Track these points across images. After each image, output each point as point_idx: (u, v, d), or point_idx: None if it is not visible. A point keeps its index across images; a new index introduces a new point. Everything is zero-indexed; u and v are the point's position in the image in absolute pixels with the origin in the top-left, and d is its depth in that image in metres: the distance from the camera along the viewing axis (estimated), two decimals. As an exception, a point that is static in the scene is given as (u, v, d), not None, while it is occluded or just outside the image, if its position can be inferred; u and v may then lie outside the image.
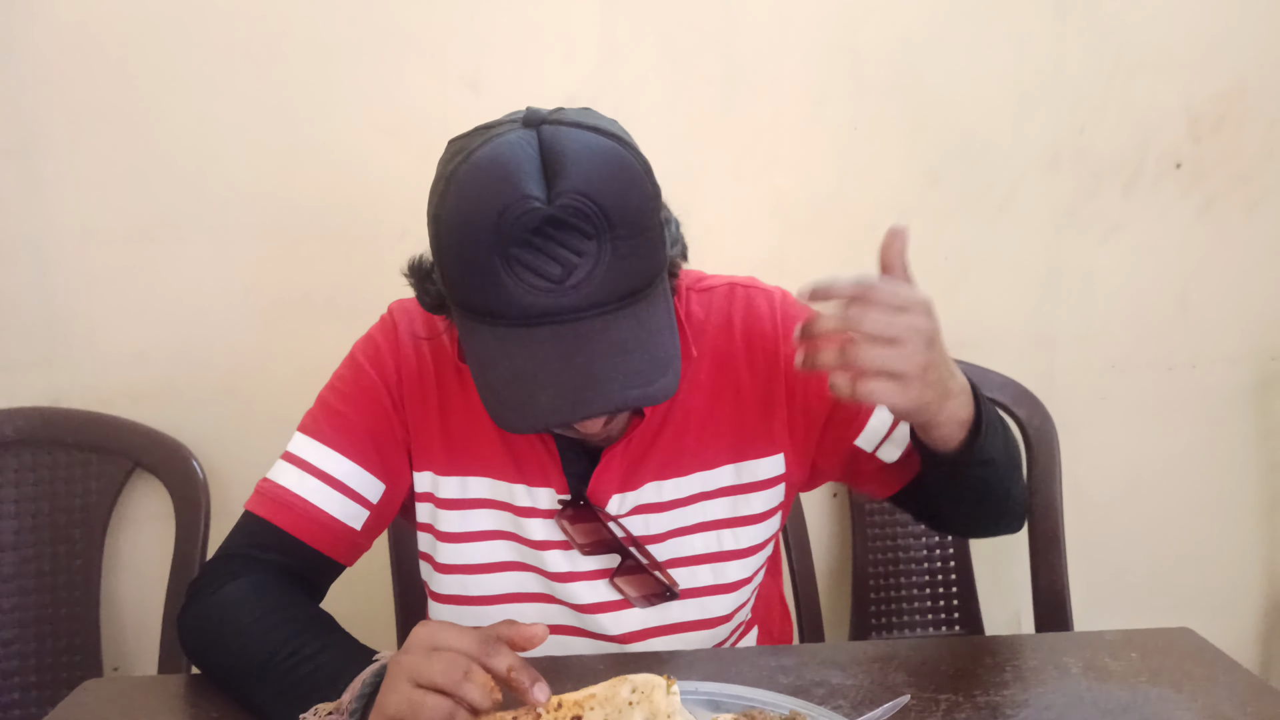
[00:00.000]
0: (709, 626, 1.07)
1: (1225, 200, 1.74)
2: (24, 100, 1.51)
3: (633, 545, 1.04)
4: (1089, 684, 0.88)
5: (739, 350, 1.05)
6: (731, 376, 1.05)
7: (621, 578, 1.05)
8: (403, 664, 0.74)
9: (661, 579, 1.04)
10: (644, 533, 1.05)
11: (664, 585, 1.04)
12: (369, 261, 1.59)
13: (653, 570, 1.04)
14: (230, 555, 1.01)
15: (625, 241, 0.82)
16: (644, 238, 0.85)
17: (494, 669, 0.73)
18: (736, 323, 1.06)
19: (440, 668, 0.72)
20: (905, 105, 1.67)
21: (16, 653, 1.46)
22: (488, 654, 0.74)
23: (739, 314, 1.06)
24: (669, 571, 1.05)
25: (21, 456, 1.50)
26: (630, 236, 0.83)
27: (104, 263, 1.56)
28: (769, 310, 1.06)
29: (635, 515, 1.04)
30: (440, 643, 0.75)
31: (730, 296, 1.07)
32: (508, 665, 0.74)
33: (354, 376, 1.06)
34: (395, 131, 1.56)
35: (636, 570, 1.04)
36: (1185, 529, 1.83)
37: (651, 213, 0.86)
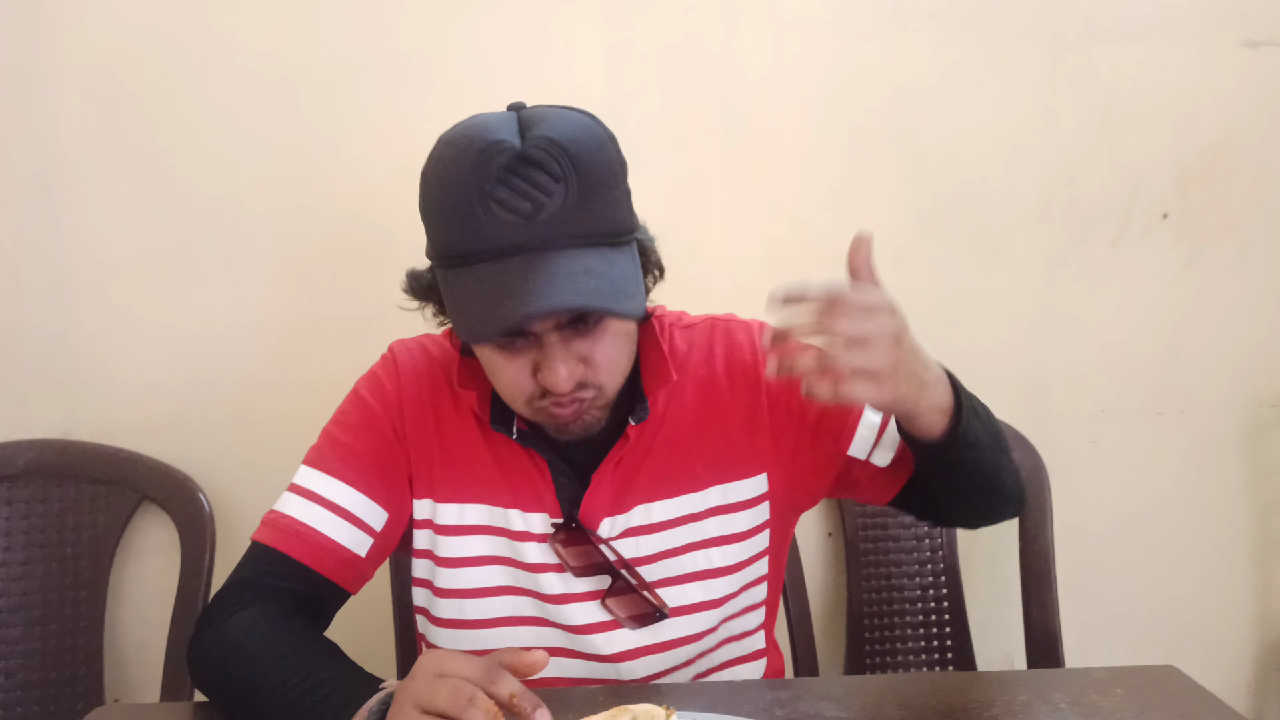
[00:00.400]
0: (694, 642, 1.11)
1: (1213, 250, 1.78)
2: (44, 139, 1.56)
3: (623, 568, 1.08)
4: (1076, 719, 0.91)
5: (720, 377, 1.11)
6: (714, 401, 1.11)
7: (612, 599, 1.08)
8: (409, 690, 0.77)
9: (651, 600, 1.08)
10: (635, 554, 1.08)
11: (654, 606, 1.08)
12: (377, 297, 1.60)
13: (642, 591, 1.08)
14: (240, 584, 1.03)
15: (592, 189, 0.91)
16: (610, 192, 0.94)
17: (497, 695, 0.75)
18: (718, 352, 1.12)
19: (445, 694, 0.74)
20: (900, 155, 1.72)
21: (19, 683, 1.48)
22: (491, 680, 0.76)
23: (719, 344, 1.13)
24: (659, 591, 1.09)
25: (32, 488, 1.52)
26: (596, 186, 0.92)
27: (118, 297, 1.60)
28: (747, 338, 1.13)
29: (626, 538, 1.08)
30: (446, 669, 0.77)
31: (711, 329, 1.15)
32: (510, 692, 0.76)
33: (358, 410, 1.11)
34: (403, 170, 1.59)
35: (627, 591, 1.08)
36: (1176, 572, 1.85)
37: (617, 174, 0.96)
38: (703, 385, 1.11)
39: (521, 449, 1.08)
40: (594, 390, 0.98)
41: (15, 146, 1.55)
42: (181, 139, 1.57)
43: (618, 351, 0.99)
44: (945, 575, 1.71)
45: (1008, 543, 1.71)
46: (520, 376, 0.97)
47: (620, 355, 1.00)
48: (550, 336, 0.93)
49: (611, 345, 0.98)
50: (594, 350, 0.96)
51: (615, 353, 0.99)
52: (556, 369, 0.93)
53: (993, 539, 1.79)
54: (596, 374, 0.97)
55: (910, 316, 1.82)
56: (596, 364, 0.97)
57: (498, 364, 0.98)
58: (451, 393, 1.10)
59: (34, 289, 1.58)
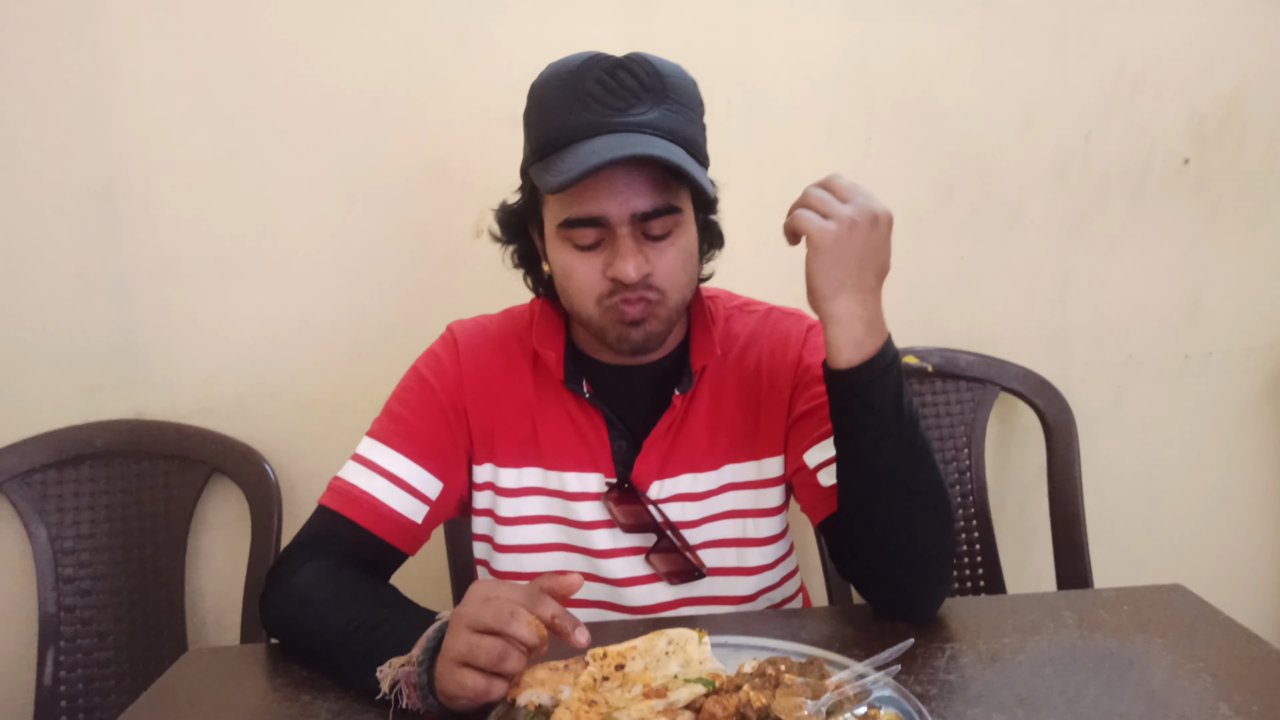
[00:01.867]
0: (731, 604, 1.18)
1: (1231, 204, 1.81)
2: (106, 149, 1.66)
3: (668, 528, 1.16)
4: (1082, 634, 0.97)
5: (764, 361, 1.19)
6: (756, 383, 1.19)
7: (656, 555, 1.17)
8: (461, 614, 0.86)
9: (690, 560, 1.16)
10: (680, 518, 1.17)
11: (692, 565, 1.16)
12: (417, 288, 1.73)
13: (684, 551, 1.16)
14: (305, 543, 1.12)
15: (678, 106, 1.04)
16: (693, 115, 1.07)
17: (540, 615, 0.85)
18: (765, 339, 1.21)
19: (492, 612, 0.84)
20: (916, 125, 1.76)
21: (111, 644, 1.60)
22: (534, 603, 0.86)
23: (769, 333, 1.22)
24: (699, 553, 1.17)
25: (110, 466, 1.64)
26: (681, 105, 1.05)
27: (178, 294, 1.70)
28: (796, 333, 1.21)
29: (673, 502, 1.17)
30: (493, 594, 0.87)
31: (767, 318, 1.24)
32: (552, 613, 0.86)
33: (417, 387, 1.20)
34: (439, 170, 1.70)
35: (669, 550, 1.16)
36: (1204, 517, 1.88)
37: (699, 107, 1.09)
38: (748, 367, 1.19)
39: (581, 411, 1.17)
40: (657, 294, 1.07)
41: (79, 158, 1.65)
42: (233, 148, 1.67)
43: (683, 265, 1.08)
44: (977, 523, 1.76)
45: (1037, 489, 1.76)
46: (593, 273, 1.06)
47: (685, 270, 1.08)
48: (622, 230, 1.03)
49: (676, 258, 1.07)
50: (661, 257, 1.05)
51: (681, 265, 1.08)
52: (625, 260, 1.03)
53: (1020, 490, 1.84)
54: (662, 279, 1.06)
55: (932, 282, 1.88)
56: (661, 270, 1.06)
57: (573, 265, 1.07)
58: (509, 365, 1.20)
59: (99, 289, 1.69)
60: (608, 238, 1.04)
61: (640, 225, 1.04)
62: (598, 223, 1.03)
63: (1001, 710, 0.83)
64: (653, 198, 1.03)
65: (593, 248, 1.05)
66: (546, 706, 0.85)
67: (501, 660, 0.83)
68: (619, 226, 1.03)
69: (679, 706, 0.82)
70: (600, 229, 1.04)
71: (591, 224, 1.03)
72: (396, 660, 0.90)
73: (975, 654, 0.94)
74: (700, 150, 1.07)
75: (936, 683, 0.88)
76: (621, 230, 1.03)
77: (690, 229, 1.09)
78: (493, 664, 0.82)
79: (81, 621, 1.59)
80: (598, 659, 0.90)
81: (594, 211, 1.02)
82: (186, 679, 1.01)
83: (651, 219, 1.03)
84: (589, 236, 1.04)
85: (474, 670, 0.83)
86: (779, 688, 0.84)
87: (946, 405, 1.78)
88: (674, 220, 1.05)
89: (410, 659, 0.88)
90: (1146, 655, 0.91)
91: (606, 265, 1.05)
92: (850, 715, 0.81)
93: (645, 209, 1.02)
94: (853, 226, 0.95)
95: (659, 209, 1.03)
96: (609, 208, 1.02)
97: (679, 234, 1.07)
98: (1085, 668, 0.90)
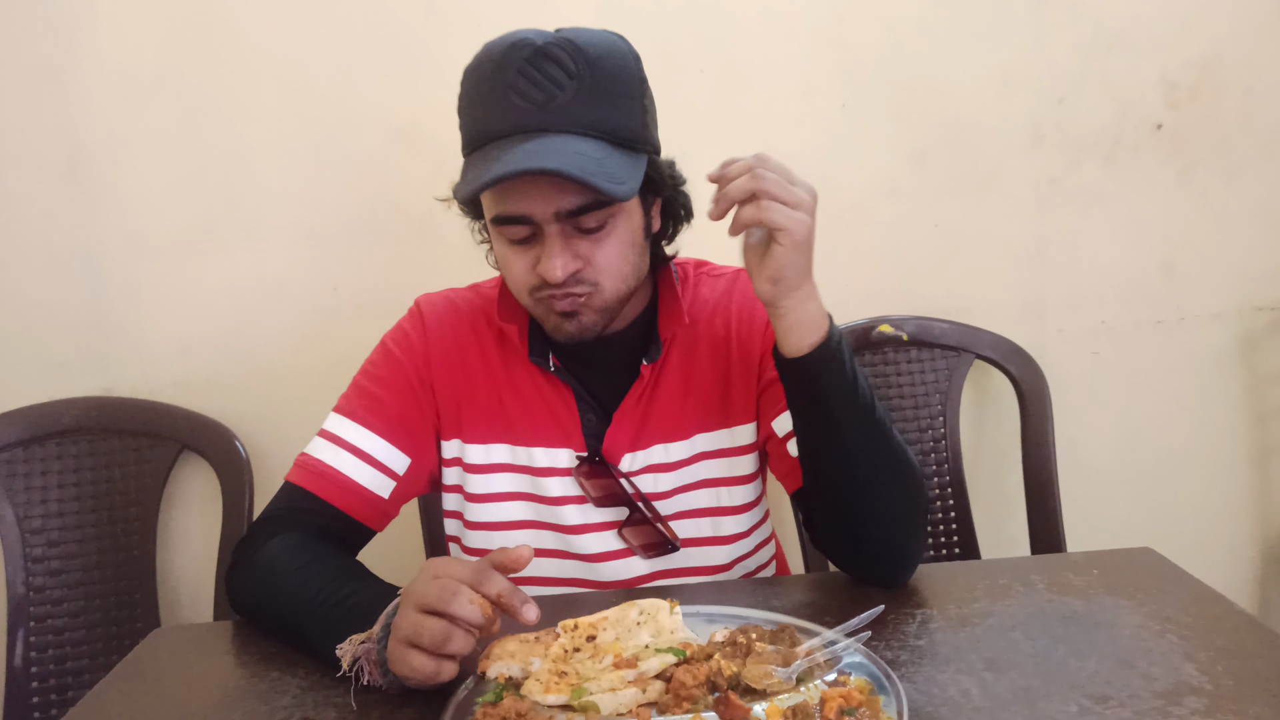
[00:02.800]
0: (707, 574, 1.17)
1: (1204, 165, 1.81)
2: (71, 124, 1.63)
3: (640, 500, 1.15)
4: (1051, 597, 0.97)
5: (732, 328, 1.18)
6: (726, 349, 1.17)
7: (628, 529, 1.16)
8: (409, 593, 0.85)
9: (664, 532, 1.16)
10: (652, 490, 1.16)
11: (665, 538, 1.16)
12: (390, 260, 1.71)
13: (656, 523, 1.15)
14: (271, 518, 1.11)
15: (603, 90, 0.99)
16: (622, 99, 1.02)
17: (486, 593, 0.83)
18: (734, 305, 1.19)
19: (436, 592, 0.82)
20: (891, 89, 1.75)
21: (83, 624, 1.59)
22: (480, 581, 0.83)
23: (737, 297, 1.20)
24: (673, 524, 1.16)
25: (79, 444, 1.62)
26: (608, 88, 1.00)
27: (149, 267, 1.68)
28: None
29: (645, 474, 1.16)
30: (439, 572, 0.85)
31: (734, 282, 1.22)
32: (498, 591, 0.83)
33: (385, 362, 1.18)
34: (412, 140, 1.67)
35: (642, 523, 1.15)
36: (1178, 477, 1.90)
37: (633, 86, 1.03)
38: (717, 333, 1.18)
39: (549, 385, 1.15)
40: (589, 287, 1.04)
41: (41, 131, 1.62)
42: (199, 118, 1.64)
43: (620, 257, 1.05)
44: (952, 491, 1.77)
45: (1011, 456, 1.77)
46: (525, 268, 1.04)
47: (622, 261, 1.06)
48: (550, 228, 1.01)
49: (614, 248, 1.04)
50: (595, 250, 1.03)
51: (617, 257, 1.05)
52: (552, 259, 1.01)
53: (995, 455, 1.85)
54: (595, 272, 1.04)
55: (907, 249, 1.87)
56: (596, 264, 1.03)
57: (508, 257, 1.06)
58: (477, 339, 1.18)
59: (68, 264, 1.66)
60: (538, 233, 1.02)
61: (571, 221, 1.01)
62: (526, 220, 1.01)
63: (970, 673, 0.83)
64: (578, 195, 0.99)
65: (525, 241, 1.04)
66: (517, 678, 0.84)
67: (445, 642, 0.81)
68: (546, 225, 1.01)
69: (650, 676, 0.83)
70: (530, 225, 1.02)
71: (520, 222, 1.01)
72: (356, 637, 0.89)
73: (945, 619, 0.95)
74: (633, 136, 1.03)
75: (907, 648, 0.89)
76: (550, 229, 1.01)
77: (631, 218, 1.06)
78: (437, 645, 0.81)
79: (51, 602, 1.58)
80: (569, 630, 0.89)
81: (519, 210, 1.00)
82: (155, 655, 1.01)
83: (581, 214, 1.00)
84: (520, 233, 1.03)
85: (421, 651, 0.82)
86: (749, 656, 0.85)
87: (921, 373, 1.78)
88: (607, 214, 1.02)
89: (370, 636, 0.87)
90: (1114, 616, 0.92)
91: (536, 261, 1.03)
92: (820, 682, 0.82)
93: (570, 207, 1.00)
94: (813, 212, 0.94)
95: (586, 205, 1.00)
96: (533, 207, 1.00)
97: (615, 225, 1.04)
98: (1053, 630, 0.90)
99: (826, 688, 0.79)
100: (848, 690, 0.77)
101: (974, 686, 0.81)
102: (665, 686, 0.81)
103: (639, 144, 1.04)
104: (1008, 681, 0.82)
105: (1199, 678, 0.80)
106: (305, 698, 0.88)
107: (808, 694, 0.79)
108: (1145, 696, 0.78)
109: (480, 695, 0.83)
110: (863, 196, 1.77)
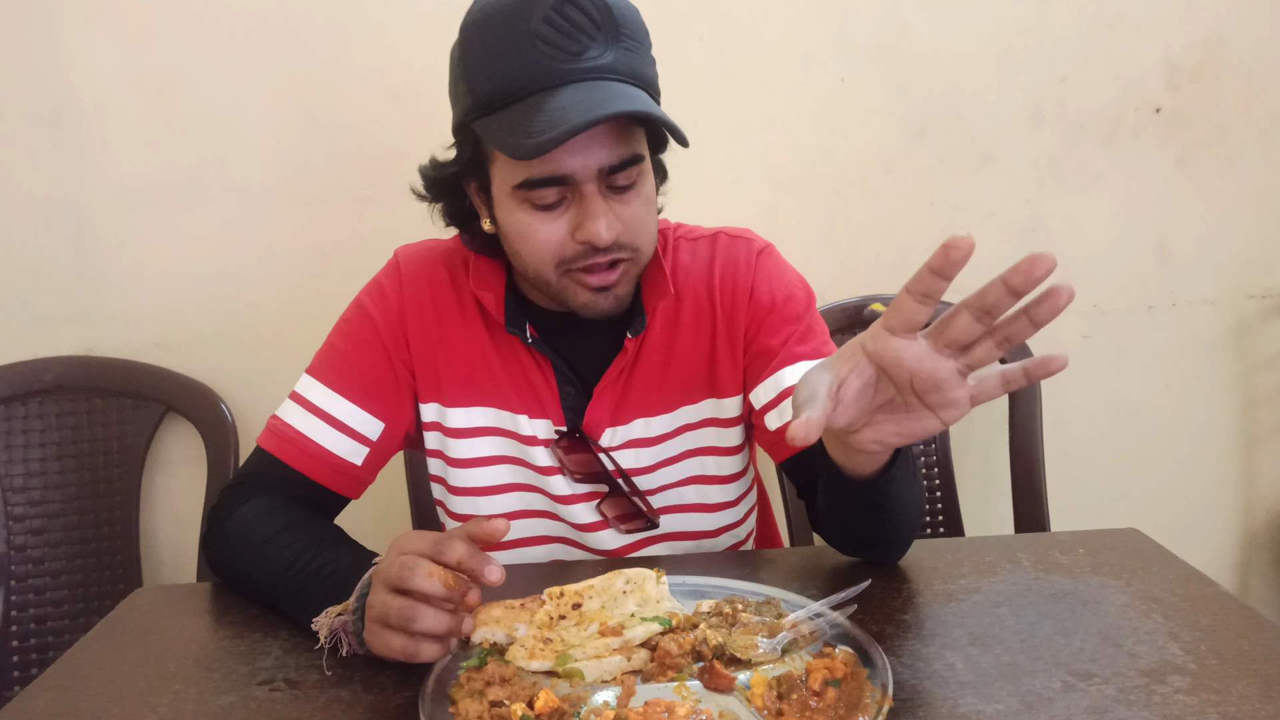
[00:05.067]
0: (694, 540, 1.16)
1: (1203, 150, 1.80)
2: (56, 73, 1.60)
3: (619, 477, 1.13)
4: (1037, 575, 0.97)
5: (715, 292, 1.13)
6: (708, 319, 1.13)
7: (607, 503, 1.14)
8: (378, 572, 0.83)
9: (643, 509, 1.14)
10: (633, 465, 1.13)
11: (644, 514, 1.14)
12: (381, 221, 1.69)
13: (634, 498, 1.13)
14: (243, 484, 1.09)
15: (630, 41, 0.96)
16: (642, 48, 0.98)
17: (445, 562, 0.79)
18: (715, 269, 1.14)
19: (396, 569, 0.80)
20: (890, 63, 1.73)
21: (64, 583, 1.58)
22: (439, 551, 0.80)
23: (719, 261, 1.15)
24: (657, 495, 1.14)
25: (61, 403, 1.61)
26: (633, 40, 0.96)
27: (134, 224, 1.66)
28: (746, 259, 1.14)
29: (626, 449, 1.13)
30: (402, 548, 0.82)
31: (714, 244, 1.16)
32: (458, 558, 0.79)
33: (358, 320, 1.13)
34: (404, 99, 1.65)
35: (621, 498, 1.13)
36: (1165, 463, 1.91)
37: (645, 34, 1.00)
38: (699, 300, 1.13)
39: (529, 356, 1.11)
40: (630, 252, 1.01)
41: (25, 79, 1.59)
42: (188, 69, 1.62)
43: (649, 216, 1.02)
44: (939, 471, 1.77)
45: (999, 438, 1.77)
46: (557, 235, 0.98)
47: (651, 221, 1.03)
48: (589, 187, 0.96)
49: (644, 208, 1.01)
50: (626, 210, 0.99)
51: (648, 216, 1.02)
52: (597, 220, 0.96)
53: (984, 435, 1.85)
54: (632, 235, 1.00)
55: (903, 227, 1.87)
56: (632, 225, 0.99)
57: (533, 227, 0.99)
58: (458, 297, 1.13)
59: (51, 217, 1.64)
60: (572, 196, 0.97)
61: (608, 180, 0.97)
62: (562, 181, 0.96)
63: (955, 648, 0.83)
64: (619, 149, 0.95)
65: (554, 207, 0.98)
66: (501, 644, 0.84)
67: (410, 619, 0.78)
68: (585, 184, 0.96)
69: (635, 644, 0.82)
70: (565, 187, 0.97)
71: (555, 183, 0.96)
72: (332, 609, 0.87)
73: (931, 594, 0.94)
74: (657, 89, 1.01)
75: (892, 621, 0.88)
76: (588, 188, 0.96)
77: (650, 175, 1.03)
78: (405, 624, 0.78)
79: (32, 561, 1.57)
80: (554, 597, 0.89)
81: (559, 170, 0.94)
82: (136, 615, 1.00)
83: (618, 171, 0.97)
84: (551, 196, 0.97)
85: (395, 631, 0.79)
86: (735, 626, 0.84)
87: (913, 352, 1.77)
88: (638, 170, 0.99)
89: (345, 608, 0.86)
90: (1100, 595, 0.92)
91: (575, 227, 0.97)
92: (806, 653, 0.81)
93: (613, 162, 0.95)
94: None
95: (625, 160, 0.96)
96: (574, 165, 0.94)
97: (642, 183, 1.00)
98: (1039, 607, 0.90)
99: (811, 659, 0.79)
100: (833, 661, 0.77)
101: (959, 661, 0.81)
102: (650, 655, 0.81)
103: (657, 95, 1.01)
104: (993, 657, 0.81)
105: (1183, 657, 0.80)
106: (287, 660, 0.88)
107: (793, 665, 0.79)
108: (1130, 674, 0.78)
109: (464, 660, 0.83)
110: (859, 171, 1.76)
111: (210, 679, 0.85)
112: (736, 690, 0.76)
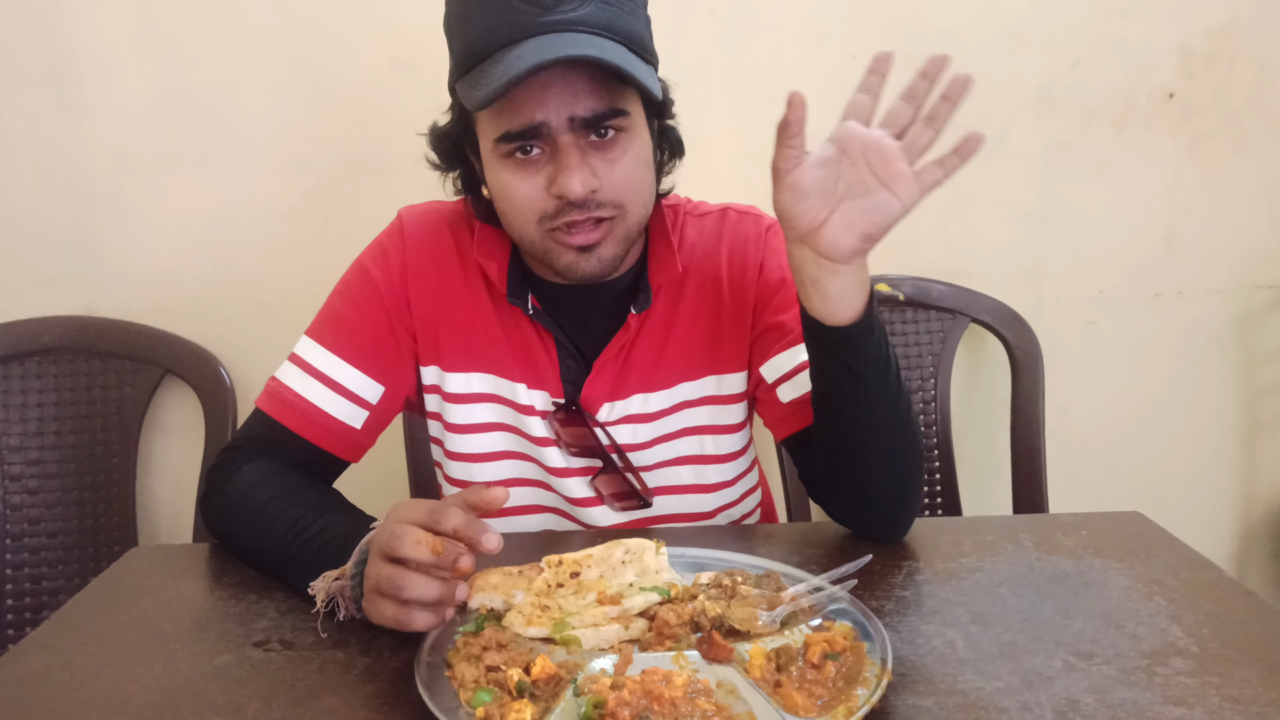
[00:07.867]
0: (690, 522, 1.15)
1: (1214, 138, 1.78)
2: (57, 29, 1.58)
3: (615, 452, 1.12)
4: (1039, 556, 0.97)
5: (722, 269, 1.12)
6: (715, 294, 1.12)
7: (601, 479, 1.13)
8: (374, 540, 0.82)
9: (636, 486, 1.13)
10: (630, 441, 1.12)
11: (637, 491, 1.13)
12: (383, 189, 1.67)
13: (627, 474, 1.12)
14: (242, 446, 1.08)
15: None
16: (633, 6, 0.96)
17: (442, 531, 0.79)
18: (723, 246, 1.13)
19: (388, 536, 0.79)
20: (902, 44, 1.67)
21: (60, 544, 1.57)
22: (435, 521, 0.79)
23: (727, 238, 1.14)
24: (652, 473, 1.13)
25: (59, 364, 1.59)
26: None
27: (134, 187, 1.64)
28: (755, 236, 1.13)
29: (623, 424, 1.12)
30: (398, 516, 0.81)
31: (722, 220, 1.15)
32: (453, 526, 0.78)
33: (359, 281, 1.12)
34: (408, 66, 1.63)
35: (615, 474, 1.12)
36: (1166, 452, 1.90)
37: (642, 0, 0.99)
38: (705, 277, 1.12)
39: (530, 327, 1.10)
40: (613, 210, 0.98)
41: (26, 38, 1.57)
42: (191, 30, 1.59)
43: (638, 174, 0.99)
44: (939, 453, 1.76)
45: (1000, 421, 1.76)
46: (535, 191, 0.97)
47: (641, 179, 1.00)
48: (564, 139, 0.94)
49: (629, 167, 0.98)
50: (611, 168, 0.97)
51: (635, 173, 0.99)
52: (569, 172, 0.94)
53: (984, 419, 1.84)
54: (616, 192, 0.97)
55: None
56: (613, 182, 0.97)
57: (512, 184, 0.98)
58: (461, 261, 1.11)
59: (51, 179, 1.62)
60: (550, 150, 0.96)
61: (584, 134, 0.95)
62: (536, 132, 0.94)
63: (955, 625, 0.83)
64: (593, 100, 0.93)
65: (534, 163, 0.96)
66: (499, 610, 0.83)
67: (400, 587, 0.77)
68: (560, 134, 0.94)
69: (633, 614, 0.82)
70: (541, 140, 0.95)
71: (529, 135, 0.94)
72: (330, 574, 0.86)
73: (932, 571, 0.94)
74: (644, 46, 0.98)
75: (892, 598, 0.88)
76: (563, 139, 0.94)
77: (642, 135, 1.00)
78: (395, 592, 0.78)
79: (29, 520, 1.56)
80: (553, 566, 0.88)
81: (529, 120, 0.93)
82: (131, 574, 0.99)
83: (595, 124, 0.95)
84: (530, 151, 0.96)
85: (389, 599, 0.79)
86: (734, 598, 0.84)
87: (916, 335, 1.76)
88: (621, 124, 0.96)
89: (343, 573, 0.85)
90: (1102, 577, 0.92)
91: (550, 182, 0.96)
92: (805, 627, 0.81)
93: (585, 113, 0.94)
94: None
95: (601, 113, 0.94)
96: (545, 114, 0.93)
97: (629, 141, 0.98)
98: (1040, 587, 0.90)
99: (811, 632, 0.79)
100: (832, 635, 0.77)
101: (959, 638, 0.81)
102: (648, 625, 0.81)
103: (647, 54, 0.99)
104: (993, 635, 0.81)
105: (1185, 639, 0.80)
106: (283, 621, 0.87)
107: (791, 638, 0.79)
108: (1131, 655, 0.77)
109: (462, 625, 0.82)
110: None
111: (205, 639, 0.84)
112: (734, 661, 0.75)
